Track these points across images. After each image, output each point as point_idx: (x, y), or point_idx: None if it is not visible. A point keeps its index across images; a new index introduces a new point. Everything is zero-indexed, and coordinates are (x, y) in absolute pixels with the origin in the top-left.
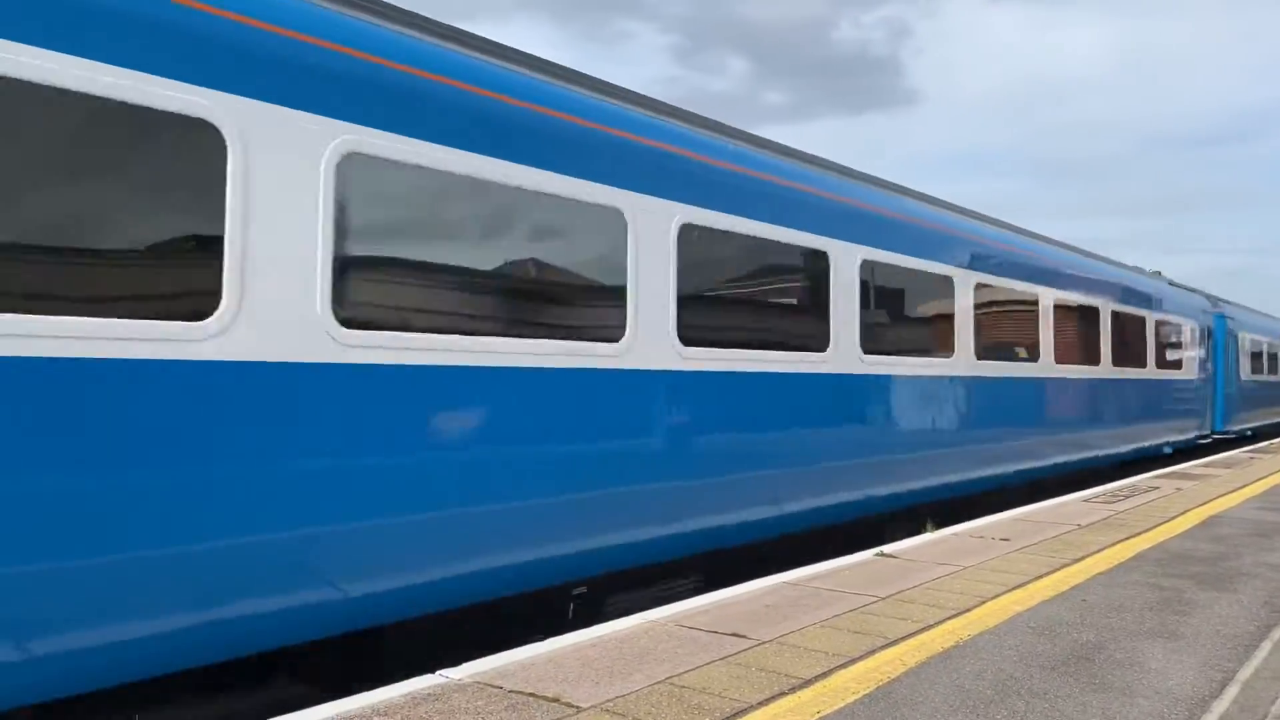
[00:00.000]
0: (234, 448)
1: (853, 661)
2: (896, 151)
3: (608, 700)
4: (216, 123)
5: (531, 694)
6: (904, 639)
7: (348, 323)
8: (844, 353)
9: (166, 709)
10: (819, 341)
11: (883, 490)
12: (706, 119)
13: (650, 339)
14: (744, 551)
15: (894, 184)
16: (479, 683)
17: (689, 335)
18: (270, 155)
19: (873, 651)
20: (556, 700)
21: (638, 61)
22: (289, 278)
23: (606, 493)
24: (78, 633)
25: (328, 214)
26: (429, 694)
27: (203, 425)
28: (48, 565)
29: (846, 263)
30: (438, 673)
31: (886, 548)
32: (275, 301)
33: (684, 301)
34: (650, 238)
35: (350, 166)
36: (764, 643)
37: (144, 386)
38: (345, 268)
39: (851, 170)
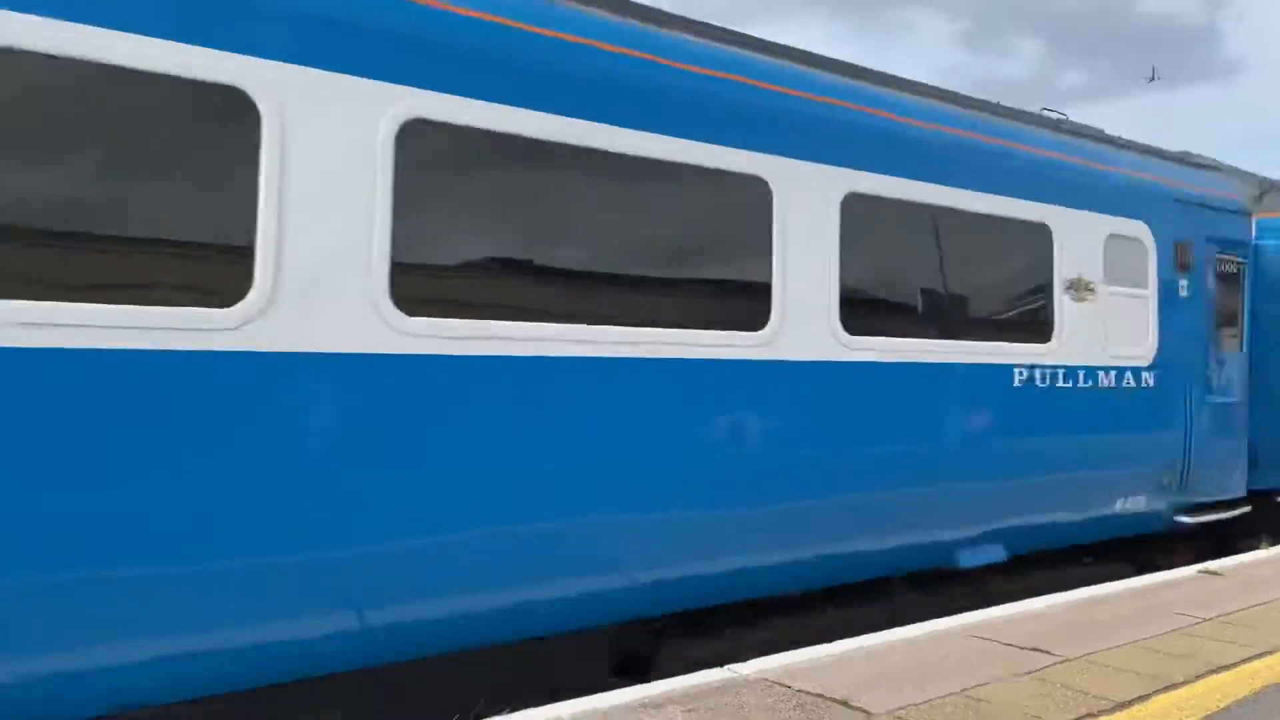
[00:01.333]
0: None
1: (1174, 686)
2: (1220, 128)
3: (899, 708)
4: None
5: (819, 695)
6: (1236, 665)
7: None
8: None
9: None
10: None
11: None
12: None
13: None
14: None
15: None
16: (766, 680)
17: None
18: None
19: (1199, 676)
20: (845, 703)
21: (921, 51)
22: None
23: None
24: None
25: None
26: (717, 687)
27: None
28: None
29: None
30: (725, 667)
31: (1212, 564)
32: None
33: None
34: None
35: None
36: (1069, 659)
37: None
38: None
39: None
